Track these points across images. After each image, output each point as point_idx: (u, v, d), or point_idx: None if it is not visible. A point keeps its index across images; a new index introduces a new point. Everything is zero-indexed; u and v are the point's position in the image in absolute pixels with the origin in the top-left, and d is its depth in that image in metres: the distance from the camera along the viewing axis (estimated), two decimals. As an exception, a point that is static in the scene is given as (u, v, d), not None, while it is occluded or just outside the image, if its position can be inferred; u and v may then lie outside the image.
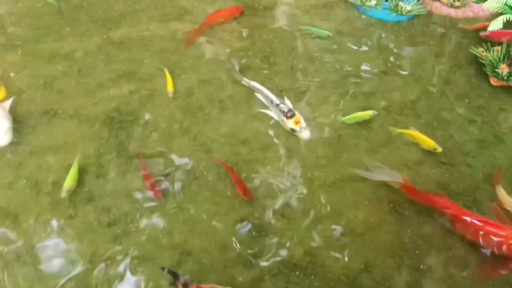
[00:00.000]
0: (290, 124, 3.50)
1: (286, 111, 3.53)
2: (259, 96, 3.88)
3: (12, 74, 4.09)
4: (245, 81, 3.96)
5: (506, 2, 3.90)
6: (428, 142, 3.50)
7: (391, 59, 4.45)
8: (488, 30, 4.16)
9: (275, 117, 3.69)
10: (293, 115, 3.52)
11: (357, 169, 3.38)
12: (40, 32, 4.60)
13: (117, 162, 3.42)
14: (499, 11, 3.99)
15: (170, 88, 3.98)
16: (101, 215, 3.11)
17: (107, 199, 3.20)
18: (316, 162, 3.48)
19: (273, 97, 3.70)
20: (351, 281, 2.83)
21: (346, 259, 2.91)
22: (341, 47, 4.56)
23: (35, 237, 2.98)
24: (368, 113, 3.73)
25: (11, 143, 3.49)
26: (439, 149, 3.47)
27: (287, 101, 3.74)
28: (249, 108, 3.87)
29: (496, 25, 3.88)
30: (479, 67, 4.31)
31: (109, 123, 3.71)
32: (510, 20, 3.86)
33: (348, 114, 3.79)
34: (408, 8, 4.97)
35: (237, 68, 4.10)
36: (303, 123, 3.48)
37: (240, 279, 2.83)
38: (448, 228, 3.06)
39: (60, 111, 3.78)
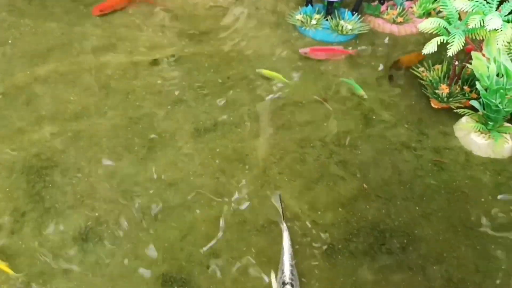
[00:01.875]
0: None
1: None
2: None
3: None
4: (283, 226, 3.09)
5: (439, 24, 3.78)
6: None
7: (332, 85, 4.29)
8: (307, 48, 4.56)
9: None
10: None
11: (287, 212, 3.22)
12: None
13: (33, 216, 3.19)
14: (434, 33, 3.87)
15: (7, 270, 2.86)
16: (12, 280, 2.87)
17: (21, 259, 2.97)
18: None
19: (287, 271, 2.66)
20: None
21: (271, 316, 2.74)
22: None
23: None
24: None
25: None
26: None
27: None
28: (179, 147, 3.68)
29: (430, 47, 3.74)
30: (421, 89, 4.18)
31: (27, 171, 3.47)
32: (445, 42, 3.73)
33: (284, 145, 3.68)
34: (349, 27, 4.83)
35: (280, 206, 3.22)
36: None
37: None
38: (385, 272, 2.91)
39: (-27, 161, 3.53)
